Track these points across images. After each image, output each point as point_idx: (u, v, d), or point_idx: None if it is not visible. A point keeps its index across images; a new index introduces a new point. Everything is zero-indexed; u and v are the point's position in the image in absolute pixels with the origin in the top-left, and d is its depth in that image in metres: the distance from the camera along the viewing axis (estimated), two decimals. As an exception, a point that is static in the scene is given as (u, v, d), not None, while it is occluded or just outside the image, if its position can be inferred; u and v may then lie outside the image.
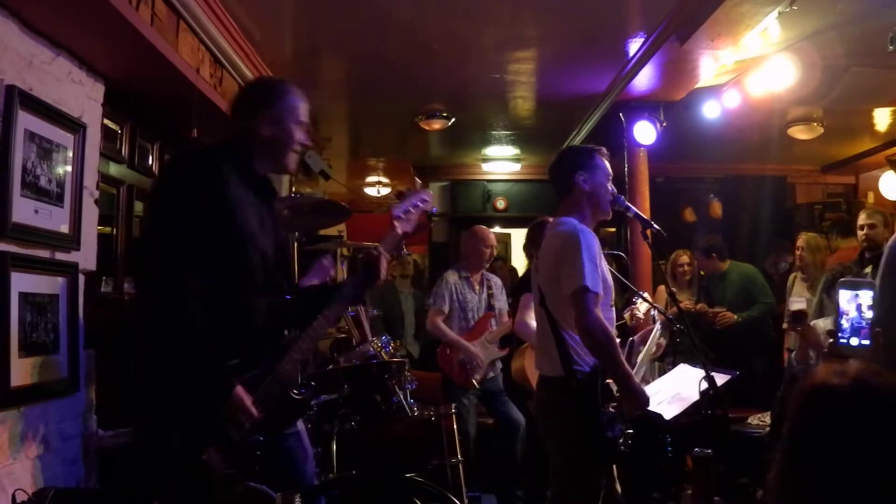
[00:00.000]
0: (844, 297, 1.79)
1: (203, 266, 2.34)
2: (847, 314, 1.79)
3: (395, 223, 2.79)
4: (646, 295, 4.17)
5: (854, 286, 1.79)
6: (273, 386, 2.47)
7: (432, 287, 5.79)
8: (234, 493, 2.31)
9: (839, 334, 1.81)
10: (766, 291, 6.29)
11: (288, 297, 2.70)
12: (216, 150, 2.61)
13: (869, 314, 1.75)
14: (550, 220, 3.29)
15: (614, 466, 3.19)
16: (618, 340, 3.02)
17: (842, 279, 1.81)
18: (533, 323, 4.35)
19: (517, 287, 4.99)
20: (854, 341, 1.77)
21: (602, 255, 3.06)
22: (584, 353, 2.98)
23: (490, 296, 5.46)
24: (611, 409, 2.94)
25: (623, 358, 2.98)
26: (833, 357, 1.78)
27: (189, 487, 2.35)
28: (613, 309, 3.22)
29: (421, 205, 2.89)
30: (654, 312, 3.92)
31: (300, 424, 2.73)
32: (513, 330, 4.96)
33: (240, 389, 2.35)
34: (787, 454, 1.34)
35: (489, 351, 5.23)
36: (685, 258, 6.37)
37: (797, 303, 4.60)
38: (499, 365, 5.32)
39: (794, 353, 4.58)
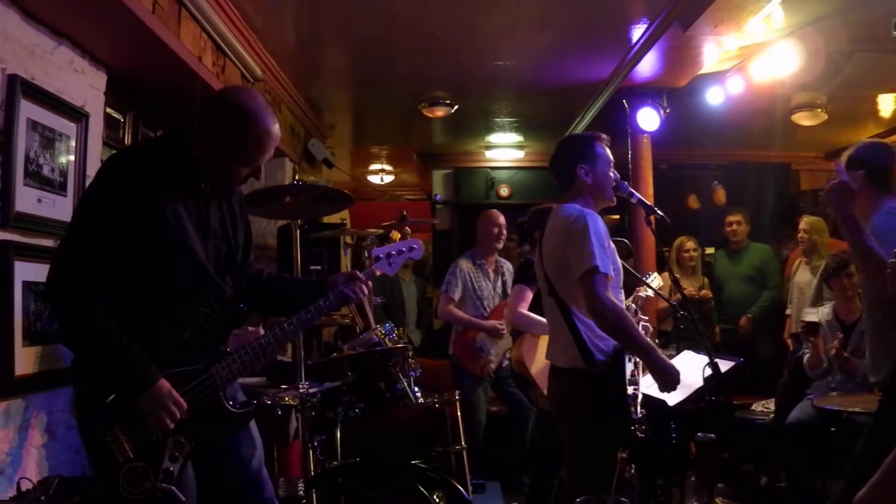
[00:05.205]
0: None
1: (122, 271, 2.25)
2: None
3: (374, 265, 2.79)
4: (654, 278, 4.18)
5: None
6: (205, 387, 2.35)
7: (437, 275, 5.79)
8: (141, 488, 2.20)
9: None
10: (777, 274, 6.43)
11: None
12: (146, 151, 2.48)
13: None
14: (555, 206, 3.27)
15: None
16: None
17: None
18: (527, 312, 4.33)
19: (514, 277, 4.97)
20: None
21: (609, 238, 3.05)
22: (600, 338, 2.96)
23: (504, 283, 5.45)
24: (632, 391, 2.95)
25: (640, 333, 2.97)
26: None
27: (98, 469, 2.25)
28: (623, 292, 3.22)
29: (406, 252, 2.86)
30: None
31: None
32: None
33: (164, 381, 2.24)
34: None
35: (506, 339, 5.20)
36: (691, 244, 6.38)
37: (811, 314, 4.76)
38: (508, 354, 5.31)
39: (807, 358, 4.66)
